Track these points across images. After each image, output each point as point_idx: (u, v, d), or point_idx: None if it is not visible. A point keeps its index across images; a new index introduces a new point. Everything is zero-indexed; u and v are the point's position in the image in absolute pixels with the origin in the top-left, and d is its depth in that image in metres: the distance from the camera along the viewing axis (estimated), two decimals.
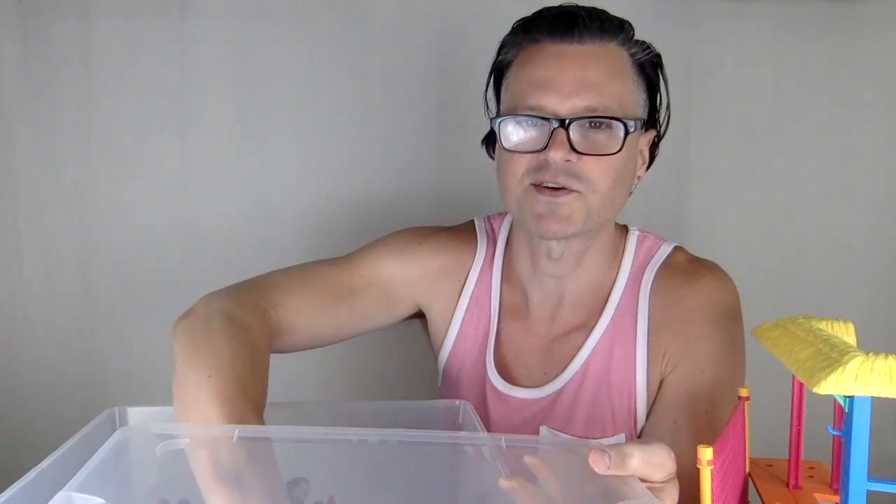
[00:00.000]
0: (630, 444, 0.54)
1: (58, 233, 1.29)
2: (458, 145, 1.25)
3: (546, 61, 0.82)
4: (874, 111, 1.20)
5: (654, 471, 0.54)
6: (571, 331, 0.89)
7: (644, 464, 0.53)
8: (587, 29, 0.82)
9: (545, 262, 0.88)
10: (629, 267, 0.90)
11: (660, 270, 0.89)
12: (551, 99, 0.80)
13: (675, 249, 0.92)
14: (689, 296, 0.87)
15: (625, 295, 0.88)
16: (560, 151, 0.79)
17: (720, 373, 0.84)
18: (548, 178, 0.80)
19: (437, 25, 1.23)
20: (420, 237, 0.96)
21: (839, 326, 0.67)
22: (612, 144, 0.81)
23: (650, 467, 0.54)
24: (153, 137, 1.27)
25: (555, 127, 0.79)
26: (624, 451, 0.53)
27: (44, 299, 1.30)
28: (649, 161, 0.91)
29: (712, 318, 0.86)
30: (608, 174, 0.81)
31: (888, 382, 0.51)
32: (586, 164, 0.80)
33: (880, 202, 1.22)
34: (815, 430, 0.68)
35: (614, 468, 0.52)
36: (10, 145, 1.27)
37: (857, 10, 1.18)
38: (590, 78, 0.81)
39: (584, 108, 0.80)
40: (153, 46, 1.25)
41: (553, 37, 0.82)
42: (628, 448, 0.53)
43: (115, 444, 0.53)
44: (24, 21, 1.25)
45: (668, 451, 0.55)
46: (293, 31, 1.23)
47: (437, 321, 0.95)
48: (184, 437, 0.56)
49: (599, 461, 0.53)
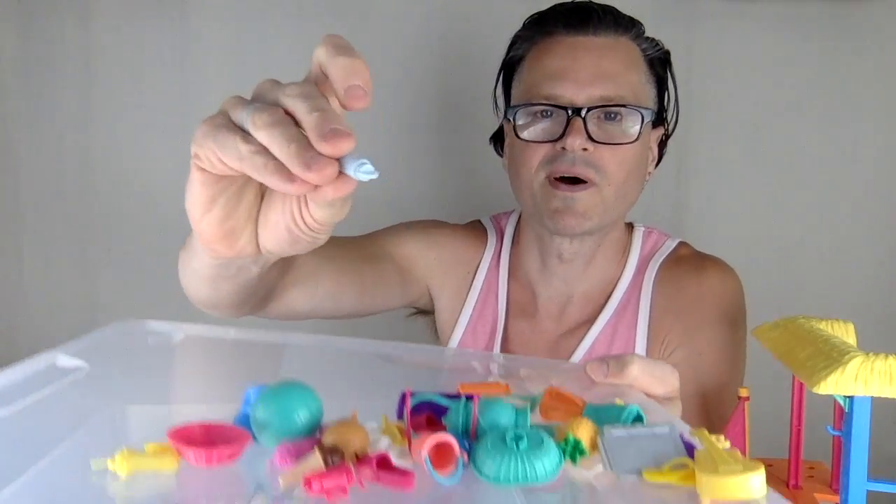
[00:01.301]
0: (630, 354, 0.53)
1: (58, 233, 1.29)
2: (458, 146, 1.25)
3: (561, 52, 0.82)
4: (874, 111, 1.20)
5: (655, 384, 0.53)
6: (577, 326, 0.90)
7: (645, 374, 0.52)
8: (602, 22, 0.83)
9: (555, 263, 0.88)
10: (635, 261, 0.91)
11: (664, 262, 0.90)
12: (567, 88, 0.80)
13: (680, 244, 0.93)
14: (692, 284, 0.87)
15: (629, 288, 0.89)
16: (578, 139, 0.79)
17: (718, 361, 0.85)
18: (564, 167, 0.80)
19: (437, 25, 1.23)
20: (436, 223, 0.96)
21: (839, 326, 0.68)
22: (628, 135, 0.81)
23: (651, 379, 0.52)
24: (153, 137, 1.27)
25: (571, 115, 0.79)
26: (624, 359, 0.52)
27: (44, 299, 1.30)
28: (658, 158, 0.91)
29: (714, 307, 0.86)
30: (623, 166, 0.81)
31: (888, 382, 0.51)
32: (603, 154, 0.80)
33: (880, 202, 1.22)
34: (815, 430, 0.68)
35: (613, 376, 0.52)
36: (10, 145, 1.27)
37: (857, 10, 1.18)
38: (606, 68, 0.81)
39: (600, 97, 0.80)
40: (153, 46, 1.25)
41: (568, 29, 0.83)
42: (628, 357, 0.52)
43: (110, 330, 0.54)
44: (24, 21, 1.25)
45: (670, 367, 0.54)
46: (293, 31, 1.23)
47: (444, 312, 0.94)
48: (178, 333, 0.56)
49: (598, 370, 0.52)
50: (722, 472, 0.34)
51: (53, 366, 0.47)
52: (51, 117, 1.26)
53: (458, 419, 0.41)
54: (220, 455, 0.36)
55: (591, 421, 0.40)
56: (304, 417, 0.39)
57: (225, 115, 0.41)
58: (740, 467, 0.34)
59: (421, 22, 1.23)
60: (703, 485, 0.34)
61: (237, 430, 0.38)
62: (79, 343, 0.50)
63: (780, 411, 0.77)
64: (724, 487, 0.34)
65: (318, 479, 0.33)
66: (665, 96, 0.90)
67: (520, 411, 0.42)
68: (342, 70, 0.39)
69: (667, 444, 0.39)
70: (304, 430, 0.39)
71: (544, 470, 0.36)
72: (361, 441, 0.37)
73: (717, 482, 0.34)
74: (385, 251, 0.89)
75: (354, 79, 0.39)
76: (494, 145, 0.96)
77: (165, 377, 0.55)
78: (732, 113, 1.22)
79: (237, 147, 0.38)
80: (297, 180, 0.37)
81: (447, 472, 0.36)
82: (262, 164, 0.38)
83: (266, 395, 0.39)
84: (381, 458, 0.35)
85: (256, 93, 0.42)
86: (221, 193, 0.43)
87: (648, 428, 0.40)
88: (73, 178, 1.28)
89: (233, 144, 0.39)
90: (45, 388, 0.43)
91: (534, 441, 0.37)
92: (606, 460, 0.38)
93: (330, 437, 0.36)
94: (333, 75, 0.39)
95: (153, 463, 0.35)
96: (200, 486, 0.36)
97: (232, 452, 0.36)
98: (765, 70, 1.21)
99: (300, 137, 0.37)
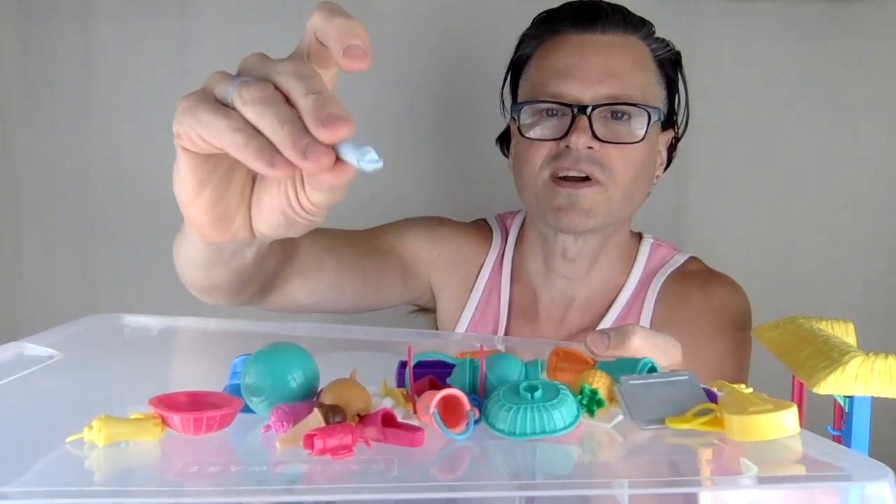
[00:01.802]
0: (632, 324, 0.51)
1: (58, 231, 1.29)
2: (459, 146, 1.25)
3: (568, 50, 0.81)
4: (874, 111, 1.20)
5: (658, 355, 0.51)
6: (578, 332, 0.88)
7: (647, 345, 0.50)
8: (610, 20, 0.81)
9: (559, 262, 0.87)
10: (640, 272, 0.89)
11: (671, 276, 0.88)
12: (573, 86, 0.79)
13: (689, 259, 0.90)
14: (695, 299, 0.85)
15: (631, 298, 0.87)
16: (582, 137, 0.77)
17: (720, 374, 0.82)
18: (569, 164, 0.78)
19: (437, 25, 1.23)
20: (441, 221, 0.95)
21: (839, 326, 0.68)
22: (634, 135, 0.79)
23: (654, 350, 0.51)
24: (153, 137, 1.27)
25: (577, 113, 0.78)
26: (625, 329, 0.50)
27: (44, 299, 1.30)
28: (667, 162, 0.90)
29: (718, 322, 0.84)
30: (631, 166, 0.80)
31: (888, 382, 0.51)
32: (609, 152, 0.79)
33: (880, 202, 1.21)
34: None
35: (614, 347, 0.49)
36: (10, 145, 1.27)
37: (857, 10, 1.18)
38: (613, 66, 0.80)
39: (606, 95, 0.79)
40: (153, 46, 1.24)
41: (576, 27, 0.82)
42: (630, 327, 0.50)
43: (83, 322, 0.53)
44: (24, 21, 1.25)
45: (672, 339, 0.53)
46: (293, 31, 1.23)
47: (446, 311, 0.93)
48: (154, 326, 0.54)
49: (598, 342, 0.50)
50: (752, 412, 0.33)
51: (21, 354, 0.46)
52: (51, 117, 1.26)
53: (465, 377, 0.38)
54: (209, 422, 0.32)
55: (605, 373, 0.38)
56: (299, 380, 0.35)
57: (208, 90, 0.39)
58: (771, 406, 0.33)
59: (421, 22, 1.23)
60: (734, 426, 0.33)
61: (227, 397, 0.34)
62: (51, 335, 0.49)
63: None
64: (756, 427, 0.32)
65: (320, 436, 0.30)
66: (675, 99, 0.88)
67: (529, 365, 0.40)
68: (340, 29, 0.37)
69: (687, 391, 0.37)
70: (300, 395, 0.35)
71: (563, 420, 0.33)
72: (364, 400, 0.34)
73: (749, 422, 0.32)
74: (389, 246, 0.88)
75: (353, 39, 0.36)
76: (501, 146, 0.95)
77: (141, 366, 0.52)
78: (732, 112, 1.22)
79: (217, 123, 0.36)
80: (281, 165, 0.34)
81: (458, 430, 0.33)
82: (242, 142, 0.35)
83: (256, 358, 0.36)
84: (386, 415, 0.32)
85: (243, 66, 0.39)
86: (210, 175, 0.40)
87: (666, 376, 0.38)
88: (73, 178, 1.28)
89: (212, 120, 0.36)
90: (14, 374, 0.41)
91: (549, 391, 0.34)
92: (626, 410, 0.36)
93: (329, 397, 0.33)
94: (330, 36, 0.37)
95: (134, 431, 0.32)
96: (189, 456, 0.32)
97: (223, 417, 0.32)
98: (765, 70, 1.21)
99: (294, 119, 0.34)
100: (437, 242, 0.92)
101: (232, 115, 0.36)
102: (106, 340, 0.53)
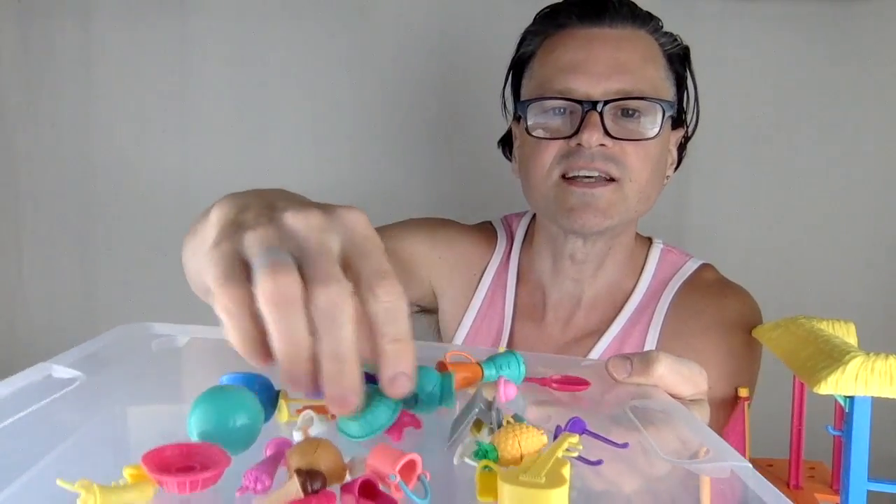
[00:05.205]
0: (656, 351, 0.49)
1: (58, 233, 1.29)
2: (459, 146, 1.25)
3: (575, 44, 0.78)
4: (874, 111, 1.20)
5: (682, 383, 0.49)
6: (584, 336, 0.86)
7: (671, 373, 0.48)
8: (618, 13, 0.79)
9: (568, 264, 0.85)
10: (650, 278, 0.87)
11: (684, 285, 0.85)
12: (582, 82, 0.76)
13: (702, 266, 0.88)
14: (708, 310, 0.83)
15: (641, 304, 0.85)
16: (595, 134, 0.74)
17: (727, 392, 0.80)
18: (582, 163, 0.75)
19: (437, 25, 1.23)
20: (444, 222, 0.94)
21: (839, 326, 0.68)
22: (648, 131, 0.76)
23: (678, 378, 0.49)
24: (153, 137, 1.27)
25: (587, 109, 0.74)
26: (649, 356, 0.48)
27: (44, 299, 1.30)
28: (678, 162, 0.87)
29: (729, 335, 0.81)
30: (647, 163, 0.77)
31: (888, 382, 0.51)
32: (624, 149, 0.75)
33: (880, 202, 1.21)
34: (815, 430, 0.68)
35: (637, 374, 0.47)
36: (11, 144, 1.27)
37: (857, 10, 1.18)
38: (623, 60, 0.76)
39: (617, 90, 0.75)
40: (153, 46, 1.25)
41: (582, 21, 0.79)
42: (654, 353, 0.48)
43: (111, 336, 0.53)
44: (24, 21, 1.25)
45: (699, 367, 0.51)
46: (293, 31, 1.23)
47: (448, 311, 0.92)
48: (182, 336, 0.54)
49: (620, 368, 0.48)
50: (522, 482, 0.32)
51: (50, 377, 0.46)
52: (51, 117, 1.26)
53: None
54: (205, 482, 0.33)
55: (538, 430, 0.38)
56: (241, 421, 0.36)
57: (236, 236, 0.36)
58: (544, 482, 0.31)
59: (421, 22, 1.23)
60: (505, 493, 0.32)
61: (214, 450, 0.35)
62: (80, 350, 0.49)
63: (780, 411, 0.77)
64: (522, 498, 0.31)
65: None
66: (684, 96, 0.85)
67: (444, 377, 0.43)
68: (392, 355, 0.35)
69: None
70: (245, 437, 0.37)
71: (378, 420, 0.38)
72: (335, 462, 0.34)
73: (517, 492, 0.32)
74: (390, 245, 0.87)
75: (401, 364, 0.35)
76: (503, 150, 0.93)
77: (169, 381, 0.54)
78: (732, 112, 1.21)
79: (213, 291, 0.34)
80: (262, 360, 0.34)
81: (410, 487, 0.34)
82: (228, 325, 0.33)
83: (198, 402, 0.37)
84: (365, 484, 0.33)
85: (291, 229, 0.36)
86: None
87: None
88: (73, 178, 1.28)
89: (212, 283, 0.34)
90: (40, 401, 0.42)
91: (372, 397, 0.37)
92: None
93: (298, 459, 0.34)
94: (381, 348, 0.35)
95: (127, 497, 0.32)
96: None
97: (214, 476, 0.33)
98: (765, 70, 1.21)
99: (307, 346, 0.33)
100: (438, 244, 0.91)
101: (234, 285, 0.34)
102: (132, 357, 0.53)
